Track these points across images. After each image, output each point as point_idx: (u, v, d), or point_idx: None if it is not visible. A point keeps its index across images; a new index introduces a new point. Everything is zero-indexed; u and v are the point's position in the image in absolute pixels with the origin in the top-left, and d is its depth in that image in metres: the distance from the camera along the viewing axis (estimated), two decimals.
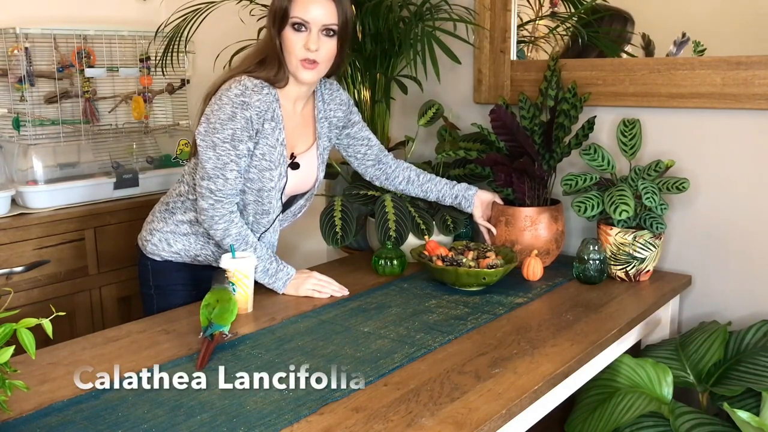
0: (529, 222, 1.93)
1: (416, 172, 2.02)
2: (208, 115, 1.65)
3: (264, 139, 1.67)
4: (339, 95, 1.88)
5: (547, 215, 1.94)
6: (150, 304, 1.82)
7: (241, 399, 1.21)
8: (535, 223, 1.93)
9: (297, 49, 1.64)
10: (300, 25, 1.64)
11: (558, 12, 2.20)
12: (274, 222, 1.80)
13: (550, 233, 1.94)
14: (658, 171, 1.84)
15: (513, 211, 1.96)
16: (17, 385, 1.09)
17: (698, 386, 1.72)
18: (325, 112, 1.85)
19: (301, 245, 2.76)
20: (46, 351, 1.40)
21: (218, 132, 1.62)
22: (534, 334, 1.51)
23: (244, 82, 1.64)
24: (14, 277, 2.08)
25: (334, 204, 2.01)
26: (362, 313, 1.63)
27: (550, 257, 1.97)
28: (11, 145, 2.30)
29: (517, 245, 1.94)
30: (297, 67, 1.66)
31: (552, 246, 1.95)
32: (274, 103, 1.68)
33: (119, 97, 2.50)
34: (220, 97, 1.64)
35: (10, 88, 2.27)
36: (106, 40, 2.40)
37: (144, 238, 1.83)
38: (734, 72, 1.80)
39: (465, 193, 2.00)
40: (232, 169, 1.65)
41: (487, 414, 1.16)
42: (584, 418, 1.68)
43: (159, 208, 1.84)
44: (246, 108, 1.62)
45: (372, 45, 2.18)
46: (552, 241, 1.95)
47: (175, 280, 1.82)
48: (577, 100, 1.98)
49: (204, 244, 1.79)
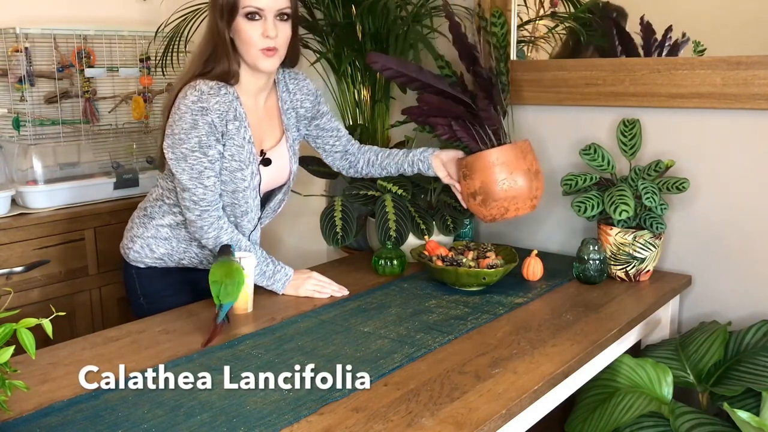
0: (489, 168, 1.74)
1: (375, 152, 1.96)
2: (171, 126, 1.61)
3: (230, 140, 1.64)
4: (305, 85, 1.84)
5: (507, 154, 1.75)
6: (140, 313, 1.76)
7: (241, 399, 1.21)
8: (495, 167, 1.75)
9: (255, 39, 1.60)
10: (254, 13, 1.59)
11: (558, 12, 2.20)
12: (257, 221, 1.78)
13: (522, 174, 1.75)
14: (658, 171, 1.84)
15: (467, 161, 1.80)
16: (17, 385, 1.09)
17: (698, 386, 1.72)
18: (292, 102, 1.81)
19: (301, 245, 2.76)
20: (46, 351, 1.40)
21: (184, 143, 1.59)
22: (534, 334, 1.51)
23: (200, 87, 1.59)
24: (14, 277, 2.08)
25: (335, 204, 2.01)
26: (362, 313, 1.63)
27: (535, 200, 1.80)
28: (11, 145, 2.30)
29: (491, 201, 1.77)
30: (257, 56, 1.62)
31: (530, 189, 1.76)
32: (234, 101, 1.64)
33: (119, 97, 2.50)
34: (179, 107, 1.59)
35: (10, 88, 2.27)
36: (106, 40, 2.40)
37: (125, 245, 1.80)
38: (734, 72, 1.80)
39: (420, 156, 1.90)
40: (209, 176, 1.62)
41: (487, 414, 1.16)
42: (584, 418, 1.68)
43: (137, 214, 1.81)
44: (206, 113, 1.58)
45: (372, 45, 2.19)
46: (528, 183, 1.76)
47: (162, 285, 1.79)
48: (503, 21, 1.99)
49: (186, 246, 1.76)
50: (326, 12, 2.30)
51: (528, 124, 2.19)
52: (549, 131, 2.15)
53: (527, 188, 1.78)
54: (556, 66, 2.09)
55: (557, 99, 2.09)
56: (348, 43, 2.26)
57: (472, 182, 1.80)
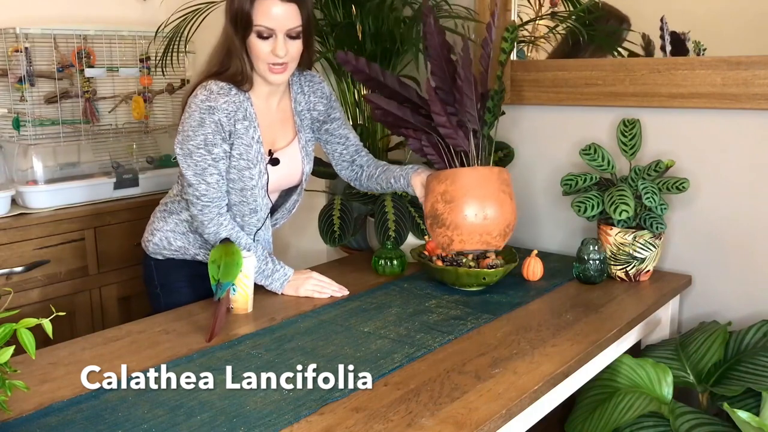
0: (434, 191, 1.54)
1: (377, 166, 1.91)
2: (181, 123, 1.67)
3: (238, 139, 1.67)
4: (320, 88, 1.85)
5: (461, 179, 1.52)
6: (157, 302, 1.84)
7: (241, 399, 1.21)
8: (439, 192, 1.55)
9: (264, 56, 1.62)
10: (265, 32, 1.61)
11: (558, 12, 2.20)
12: (265, 220, 1.80)
13: (474, 205, 1.52)
14: (658, 171, 1.84)
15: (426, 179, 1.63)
16: (17, 385, 1.09)
17: (698, 386, 1.72)
18: (306, 104, 1.82)
19: (301, 245, 2.76)
20: (46, 351, 1.40)
21: (191, 139, 1.64)
22: (534, 334, 1.51)
23: (210, 86, 1.64)
24: (14, 277, 2.08)
25: (334, 203, 2.01)
26: (362, 313, 1.63)
27: (489, 237, 1.55)
28: (11, 145, 2.30)
29: (435, 227, 1.56)
30: (266, 71, 1.65)
31: (481, 224, 1.53)
32: (245, 102, 1.67)
33: (119, 97, 2.50)
34: (189, 105, 1.65)
35: (10, 88, 2.27)
36: (106, 40, 2.40)
37: (146, 239, 1.86)
38: (734, 72, 1.80)
39: (403, 173, 1.82)
40: (212, 173, 1.66)
41: (487, 414, 1.16)
42: (584, 418, 1.68)
43: (159, 209, 1.87)
44: (213, 112, 1.62)
45: (372, 45, 2.19)
46: (479, 216, 1.53)
47: (178, 277, 1.83)
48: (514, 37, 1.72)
49: (202, 242, 1.80)
50: (326, 12, 2.30)
51: (528, 124, 2.19)
52: (549, 131, 2.16)
53: (477, 222, 1.56)
54: (556, 66, 2.09)
55: (557, 99, 2.09)
56: (348, 43, 2.26)
57: (425, 203, 1.70)
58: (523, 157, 2.22)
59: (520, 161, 2.22)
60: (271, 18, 1.60)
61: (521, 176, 2.22)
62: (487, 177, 1.59)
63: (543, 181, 2.19)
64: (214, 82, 1.65)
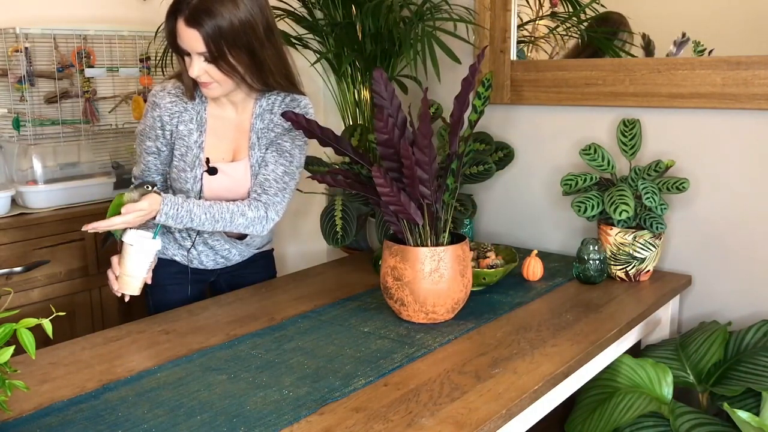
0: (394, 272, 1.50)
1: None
2: None
3: (180, 140, 1.70)
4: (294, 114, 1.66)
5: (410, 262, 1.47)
6: (147, 302, 1.85)
7: (241, 399, 1.21)
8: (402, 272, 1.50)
9: (188, 72, 1.59)
10: (183, 51, 1.58)
11: (558, 12, 2.21)
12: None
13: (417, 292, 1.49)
14: (658, 171, 1.84)
15: (384, 245, 1.56)
16: (17, 385, 1.09)
17: (698, 386, 1.72)
18: (269, 122, 1.72)
19: (301, 245, 2.76)
20: (46, 351, 1.40)
21: (140, 124, 1.74)
22: (534, 334, 1.51)
23: (165, 84, 1.70)
24: (14, 277, 2.08)
25: (335, 204, 2.01)
26: (362, 313, 1.63)
27: (447, 314, 1.55)
28: (11, 145, 2.30)
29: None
30: (197, 84, 1.64)
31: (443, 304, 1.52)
32: (198, 106, 1.70)
33: (119, 97, 2.50)
34: None
35: (10, 88, 2.27)
36: (106, 40, 2.40)
37: None
38: (734, 72, 1.80)
39: None
40: (143, 161, 1.75)
41: (487, 414, 1.16)
42: (584, 418, 1.68)
43: None
44: (155, 108, 1.69)
45: (372, 45, 2.19)
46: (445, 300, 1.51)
47: (163, 277, 1.78)
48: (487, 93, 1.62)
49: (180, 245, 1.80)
50: (326, 12, 2.30)
51: (528, 124, 2.20)
52: (549, 131, 2.16)
53: (423, 303, 1.52)
54: (556, 66, 2.10)
55: (557, 99, 2.10)
56: (348, 43, 2.26)
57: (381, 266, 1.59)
58: (523, 157, 2.22)
59: (519, 161, 2.22)
60: (181, 39, 1.56)
61: (521, 176, 2.22)
62: (437, 259, 1.50)
63: (543, 181, 2.19)
64: (173, 82, 1.70)
